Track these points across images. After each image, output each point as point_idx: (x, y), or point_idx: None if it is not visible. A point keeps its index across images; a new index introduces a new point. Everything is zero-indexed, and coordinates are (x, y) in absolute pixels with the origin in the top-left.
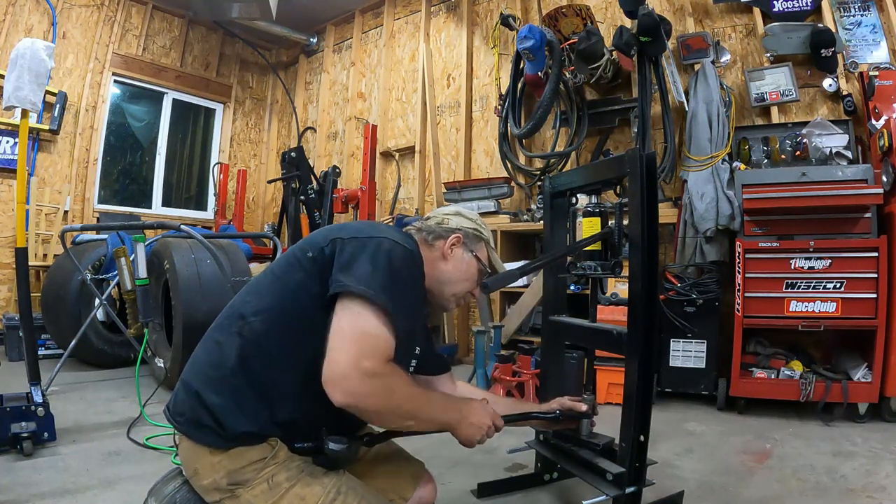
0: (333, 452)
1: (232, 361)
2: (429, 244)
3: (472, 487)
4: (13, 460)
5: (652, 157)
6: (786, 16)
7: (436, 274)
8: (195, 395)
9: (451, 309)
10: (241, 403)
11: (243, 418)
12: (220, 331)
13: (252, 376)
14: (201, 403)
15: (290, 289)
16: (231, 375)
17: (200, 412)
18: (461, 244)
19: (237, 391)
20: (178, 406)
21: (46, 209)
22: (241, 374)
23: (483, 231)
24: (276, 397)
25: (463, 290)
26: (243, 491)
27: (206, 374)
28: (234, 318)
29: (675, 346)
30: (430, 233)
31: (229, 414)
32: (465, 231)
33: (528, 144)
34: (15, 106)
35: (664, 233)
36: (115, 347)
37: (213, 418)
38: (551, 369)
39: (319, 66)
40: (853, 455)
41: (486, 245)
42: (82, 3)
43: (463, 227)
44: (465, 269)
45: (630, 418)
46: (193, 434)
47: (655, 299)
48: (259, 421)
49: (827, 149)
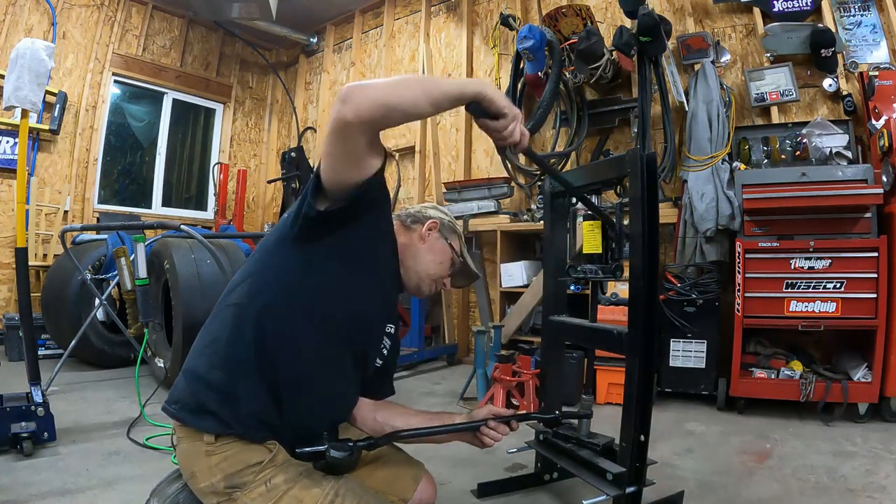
0: (335, 459)
1: (228, 332)
2: (406, 226)
3: (472, 487)
4: (13, 460)
5: (652, 158)
6: (786, 16)
7: (411, 255)
8: (196, 378)
9: (424, 294)
10: (241, 375)
11: (245, 392)
12: (213, 314)
13: (248, 342)
14: (204, 384)
15: (269, 250)
16: (228, 346)
17: (203, 394)
18: (437, 230)
19: (238, 361)
20: (176, 393)
21: (46, 209)
22: (238, 342)
23: (457, 227)
24: (277, 362)
25: (437, 273)
26: (241, 494)
27: (204, 355)
28: (224, 296)
29: (675, 346)
30: (409, 216)
31: (231, 389)
32: (441, 220)
33: None
34: (15, 106)
35: (664, 233)
36: (115, 347)
37: (218, 395)
38: (551, 369)
39: (319, 66)
40: (853, 455)
41: (459, 239)
42: (82, 3)
43: (440, 218)
44: (439, 254)
45: (630, 418)
46: (190, 420)
47: (656, 299)
48: (260, 400)
49: (827, 149)
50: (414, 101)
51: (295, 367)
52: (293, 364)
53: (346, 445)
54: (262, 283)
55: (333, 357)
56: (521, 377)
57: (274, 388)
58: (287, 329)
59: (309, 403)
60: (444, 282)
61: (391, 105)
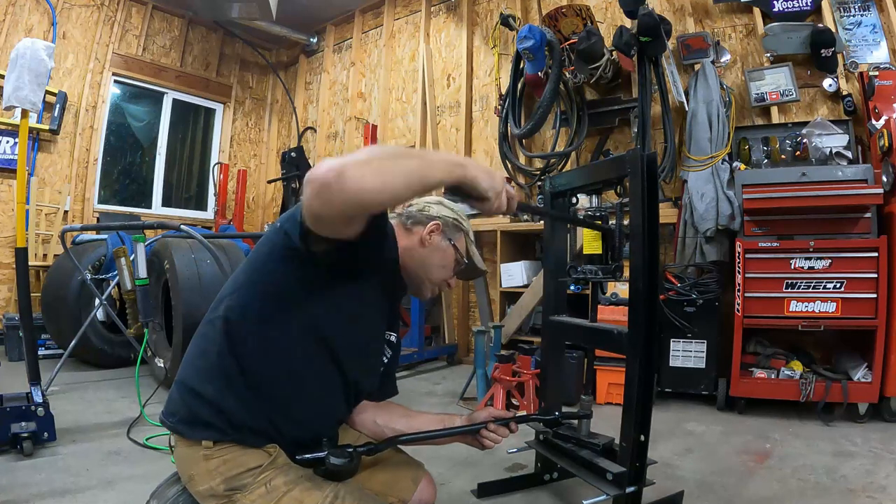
0: (335, 466)
1: (218, 345)
2: (407, 228)
3: (472, 487)
4: (13, 460)
5: (652, 158)
6: (786, 16)
7: (412, 258)
8: (189, 390)
9: (426, 296)
10: (231, 388)
11: (237, 405)
12: (204, 324)
13: (236, 356)
14: (196, 397)
15: (261, 260)
16: (218, 358)
17: (196, 407)
18: (440, 232)
19: (229, 375)
20: (171, 406)
21: (46, 209)
22: (229, 355)
23: (463, 223)
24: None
25: (438, 277)
26: (241, 496)
27: (195, 367)
28: (215, 307)
29: (675, 346)
30: (410, 217)
31: (224, 400)
32: (444, 220)
33: (528, 144)
34: (15, 106)
35: (664, 233)
36: (115, 347)
37: (211, 408)
38: (551, 369)
39: (319, 66)
40: (853, 455)
41: (466, 237)
42: (82, 3)
43: (443, 216)
44: (441, 257)
45: (630, 418)
46: (187, 432)
47: (656, 299)
48: (252, 413)
49: (827, 149)
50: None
51: (284, 383)
52: (282, 381)
53: (345, 452)
54: (250, 298)
55: (323, 373)
56: (521, 377)
57: (264, 402)
58: (275, 345)
59: (299, 418)
60: (448, 282)
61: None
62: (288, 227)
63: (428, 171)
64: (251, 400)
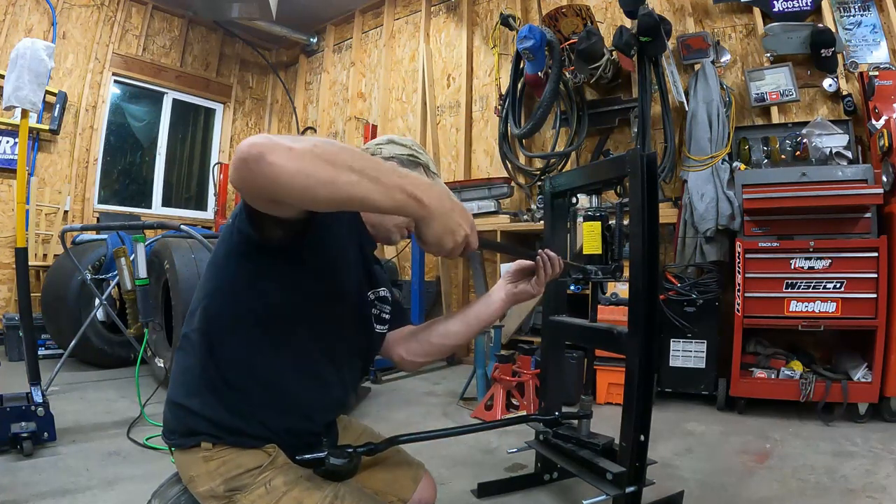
0: (334, 466)
1: (199, 358)
2: None
3: (472, 487)
4: (13, 460)
5: (653, 158)
6: (786, 16)
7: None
8: (180, 407)
9: (396, 241)
10: (218, 400)
11: (228, 415)
12: (182, 338)
13: (216, 368)
14: (189, 413)
15: (222, 264)
16: (202, 371)
17: (192, 422)
18: None
19: (215, 387)
20: (168, 425)
21: (46, 209)
22: (211, 367)
23: (420, 155)
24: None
25: (402, 219)
26: (241, 496)
27: (181, 383)
28: (188, 319)
29: (675, 346)
30: None
31: (215, 411)
32: (399, 158)
33: (528, 144)
34: (15, 106)
35: (664, 233)
36: (115, 347)
37: (205, 421)
38: (551, 369)
39: (319, 66)
40: (853, 455)
41: (426, 170)
42: (82, 3)
43: (396, 155)
44: None
45: (630, 418)
46: (187, 444)
47: (656, 299)
48: (245, 415)
49: (827, 149)
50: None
51: (272, 385)
52: (269, 382)
53: (345, 452)
54: (221, 305)
55: (311, 365)
56: (521, 377)
57: (254, 406)
58: (255, 347)
59: (293, 414)
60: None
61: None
62: (238, 221)
63: (368, 191)
64: (242, 407)
